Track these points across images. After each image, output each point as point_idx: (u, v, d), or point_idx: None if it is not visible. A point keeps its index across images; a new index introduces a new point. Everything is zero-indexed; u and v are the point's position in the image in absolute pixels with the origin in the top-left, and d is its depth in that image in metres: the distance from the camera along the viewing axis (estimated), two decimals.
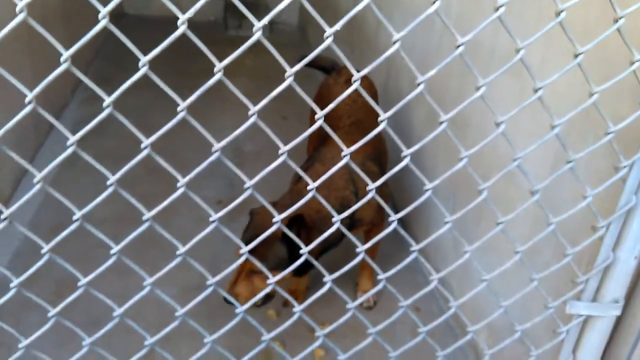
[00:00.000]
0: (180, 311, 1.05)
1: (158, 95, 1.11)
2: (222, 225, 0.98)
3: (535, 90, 1.01)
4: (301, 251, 1.05)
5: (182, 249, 0.98)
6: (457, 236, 1.14)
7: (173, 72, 3.97)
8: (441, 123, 1.01)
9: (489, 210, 1.16)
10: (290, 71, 0.89)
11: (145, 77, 0.83)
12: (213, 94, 0.89)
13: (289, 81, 0.89)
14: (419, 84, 0.96)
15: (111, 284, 1.52)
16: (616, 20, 1.00)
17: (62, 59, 0.79)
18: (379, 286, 1.12)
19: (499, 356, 1.40)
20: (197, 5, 0.82)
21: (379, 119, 0.98)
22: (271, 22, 6.49)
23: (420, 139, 1.01)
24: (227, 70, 0.85)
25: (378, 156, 2.40)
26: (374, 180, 1.02)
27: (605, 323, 1.28)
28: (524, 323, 1.30)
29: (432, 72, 0.94)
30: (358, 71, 0.95)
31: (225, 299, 1.76)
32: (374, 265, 1.15)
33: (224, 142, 0.92)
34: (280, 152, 0.94)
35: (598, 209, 1.17)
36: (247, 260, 1.02)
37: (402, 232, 1.09)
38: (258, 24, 0.84)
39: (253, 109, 0.90)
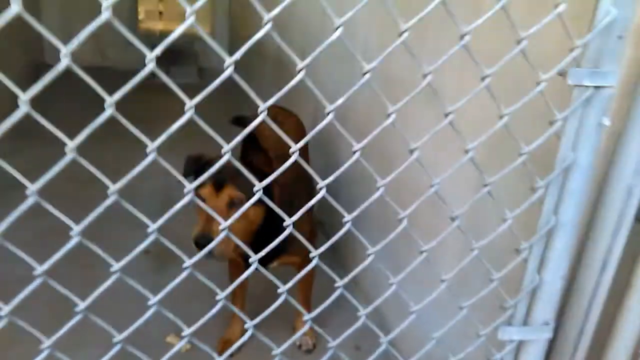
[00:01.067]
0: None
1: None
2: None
3: (446, 115, 1.00)
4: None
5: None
6: (382, 268, 1.11)
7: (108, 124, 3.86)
8: (354, 152, 0.99)
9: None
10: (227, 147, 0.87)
11: (75, 121, 0.76)
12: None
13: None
14: (328, 113, 0.93)
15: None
16: (519, 42, 1.01)
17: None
18: (306, 327, 1.06)
19: None
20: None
21: (290, 150, 0.94)
22: (200, 68, 6.50)
23: (347, 170, 0.98)
24: (157, 115, 0.82)
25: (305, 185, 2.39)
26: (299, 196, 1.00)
27: (538, 347, 1.26)
28: (461, 352, 1.26)
29: (339, 101, 0.92)
30: (283, 109, 0.93)
31: (197, 244, 1.63)
32: (298, 307, 1.10)
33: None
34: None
35: (521, 232, 1.17)
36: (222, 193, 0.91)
37: (325, 267, 1.04)
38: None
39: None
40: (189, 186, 0.87)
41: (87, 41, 0.74)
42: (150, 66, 0.79)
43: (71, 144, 0.76)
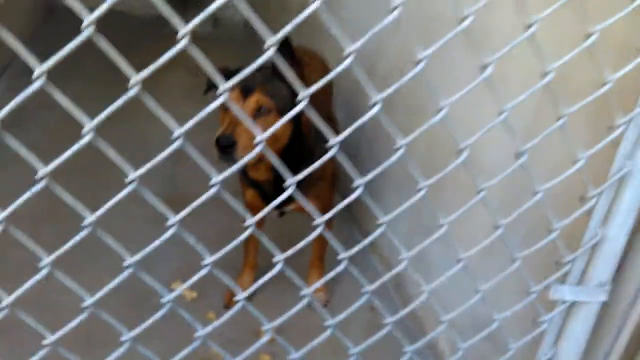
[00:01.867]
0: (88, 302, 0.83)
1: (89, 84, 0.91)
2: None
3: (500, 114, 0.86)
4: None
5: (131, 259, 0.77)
6: (397, 244, 0.97)
7: (114, 68, 3.70)
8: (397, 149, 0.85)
9: (459, 179, 1.00)
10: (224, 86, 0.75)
11: (76, 67, 0.67)
12: (152, 86, 0.73)
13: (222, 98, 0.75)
14: (347, 55, 0.78)
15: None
16: (588, 36, 0.87)
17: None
18: (340, 267, 0.93)
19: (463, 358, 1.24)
20: None
21: (298, 97, 0.80)
22: (215, 18, 6.25)
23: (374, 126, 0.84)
24: (164, 65, 0.71)
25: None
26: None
27: (591, 310, 1.13)
28: (493, 316, 1.14)
29: (360, 42, 0.77)
30: (308, 50, 0.79)
31: (220, 145, 1.58)
32: (333, 242, 0.96)
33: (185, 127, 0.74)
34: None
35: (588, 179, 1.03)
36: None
37: (370, 201, 0.91)
38: (183, 30, 0.70)
39: (178, 132, 0.75)
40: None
41: None
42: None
43: (89, 125, 0.71)
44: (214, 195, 0.82)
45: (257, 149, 0.80)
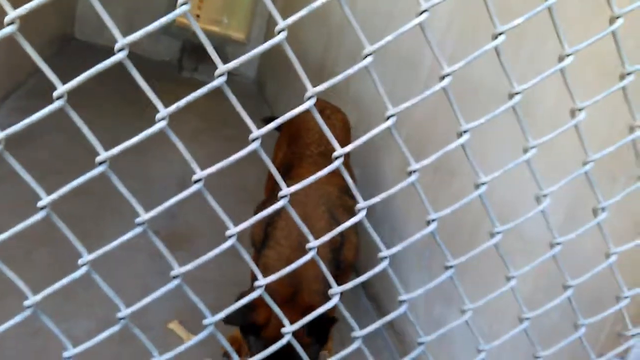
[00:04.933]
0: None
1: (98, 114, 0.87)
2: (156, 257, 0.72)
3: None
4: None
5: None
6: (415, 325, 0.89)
7: (124, 101, 3.70)
8: (410, 173, 0.79)
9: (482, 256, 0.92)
10: (256, 133, 0.71)
11: (86, 96, 0.63)
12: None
13: (254, 145, 0.71)
14: (388, 117, 0.74)
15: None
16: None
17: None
18: (354, 345, 0.84)
19: None
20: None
21: (334, 154, 0.75)
22: (229, 73, 6.33)
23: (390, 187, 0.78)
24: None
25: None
26: (353, 215, 0.80)
27: None
28: None
29: (405, 105, 0.73)
30: (330, 104, 0.75)
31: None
32: (352, 322, 0.87)
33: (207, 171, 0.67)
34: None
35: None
36: None
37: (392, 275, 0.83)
38: (222, 67, 0.68)
39: (199, 175, 0.70)
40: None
41: (122, 25, 0.70)
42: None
43: (104, 155, 0.66)
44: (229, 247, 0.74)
45: None
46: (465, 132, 0.78)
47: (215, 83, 0.67)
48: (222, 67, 0.66)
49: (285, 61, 3.91)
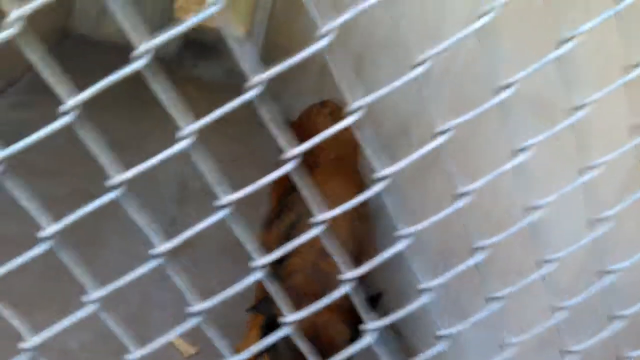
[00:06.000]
0: None
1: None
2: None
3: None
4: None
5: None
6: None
7: (128, 98, 3.61)
8: (461, 195, 0.70)
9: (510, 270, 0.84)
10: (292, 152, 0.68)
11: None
12: (161, 121, 0.62)
13: (291, 165, 0.67)
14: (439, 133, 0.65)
15: None
16: None
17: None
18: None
19: None
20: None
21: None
22: (229, 68, 6.23)
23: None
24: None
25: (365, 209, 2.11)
26: (369, 224, 0.73)
27: None
28: None
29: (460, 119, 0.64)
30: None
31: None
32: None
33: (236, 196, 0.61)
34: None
35: None
36: None
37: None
38: (256, 78, 0.63)
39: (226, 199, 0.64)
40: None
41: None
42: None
43: (119, 178, 0.60)
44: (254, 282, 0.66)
45: None
46: (522, 150, 0.69)
47: (247, 96, 0.58)
48: (256, 78, 0.57)
49: (288, 58, 3.83)
